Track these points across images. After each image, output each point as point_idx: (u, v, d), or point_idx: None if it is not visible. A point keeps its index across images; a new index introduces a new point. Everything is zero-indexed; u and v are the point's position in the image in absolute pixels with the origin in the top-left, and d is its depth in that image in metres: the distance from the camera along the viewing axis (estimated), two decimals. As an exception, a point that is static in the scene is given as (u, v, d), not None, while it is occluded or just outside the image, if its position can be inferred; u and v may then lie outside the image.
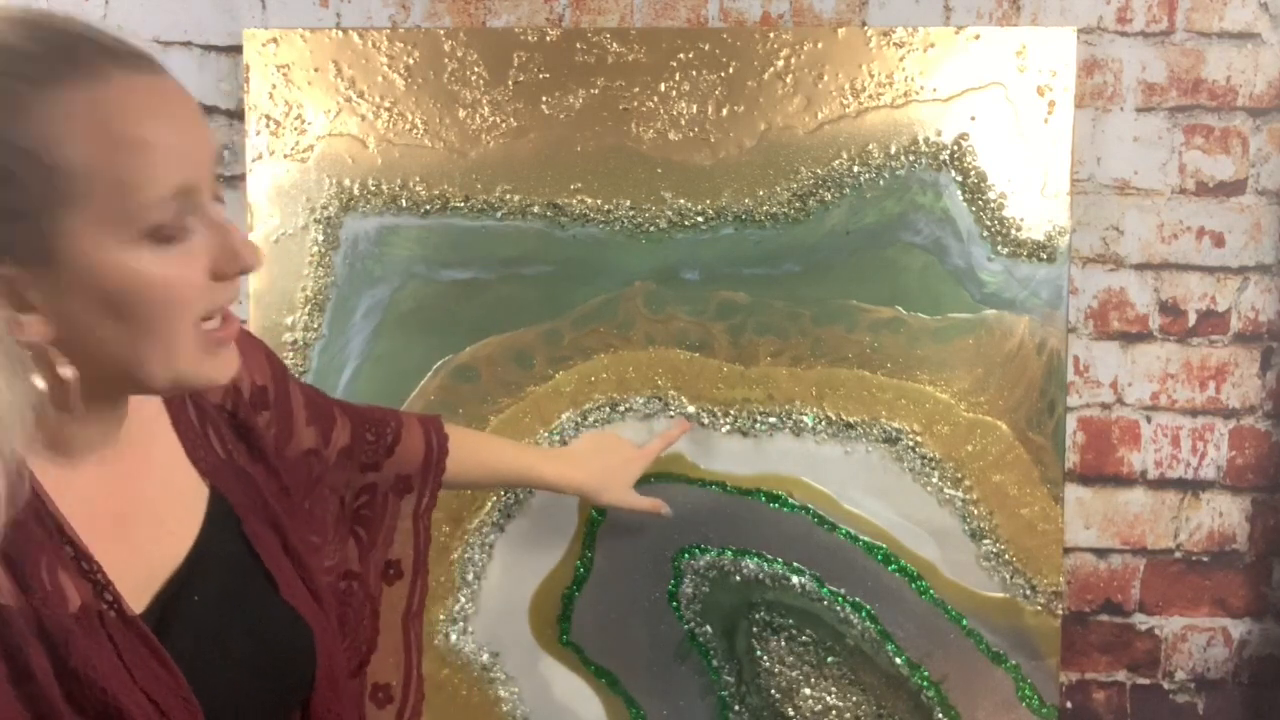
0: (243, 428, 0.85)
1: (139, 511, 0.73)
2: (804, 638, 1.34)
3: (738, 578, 1.34)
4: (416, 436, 1.08)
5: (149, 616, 0.70)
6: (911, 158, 1.30)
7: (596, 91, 1.30)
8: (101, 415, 0.71)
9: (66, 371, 0.64)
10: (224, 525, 0.78)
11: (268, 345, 0.94)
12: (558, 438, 1.33)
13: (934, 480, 1.32)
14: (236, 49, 1.35)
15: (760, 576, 1.33)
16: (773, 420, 1.32)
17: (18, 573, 0.63)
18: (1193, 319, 1.39)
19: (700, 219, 1.31)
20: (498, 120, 1.30)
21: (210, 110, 1.37)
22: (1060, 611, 1.32)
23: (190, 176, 0.65)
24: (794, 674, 1.34)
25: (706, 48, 1.29)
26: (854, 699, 1.34)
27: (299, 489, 0.93)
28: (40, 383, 0.64)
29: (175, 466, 0.78)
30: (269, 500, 0.83)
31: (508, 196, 1.31)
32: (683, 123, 1.30)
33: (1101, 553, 1.42)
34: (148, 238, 0.64)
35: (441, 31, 1.31)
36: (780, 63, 1.29)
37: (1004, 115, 1.29)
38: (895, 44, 1.29)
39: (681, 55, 1.30)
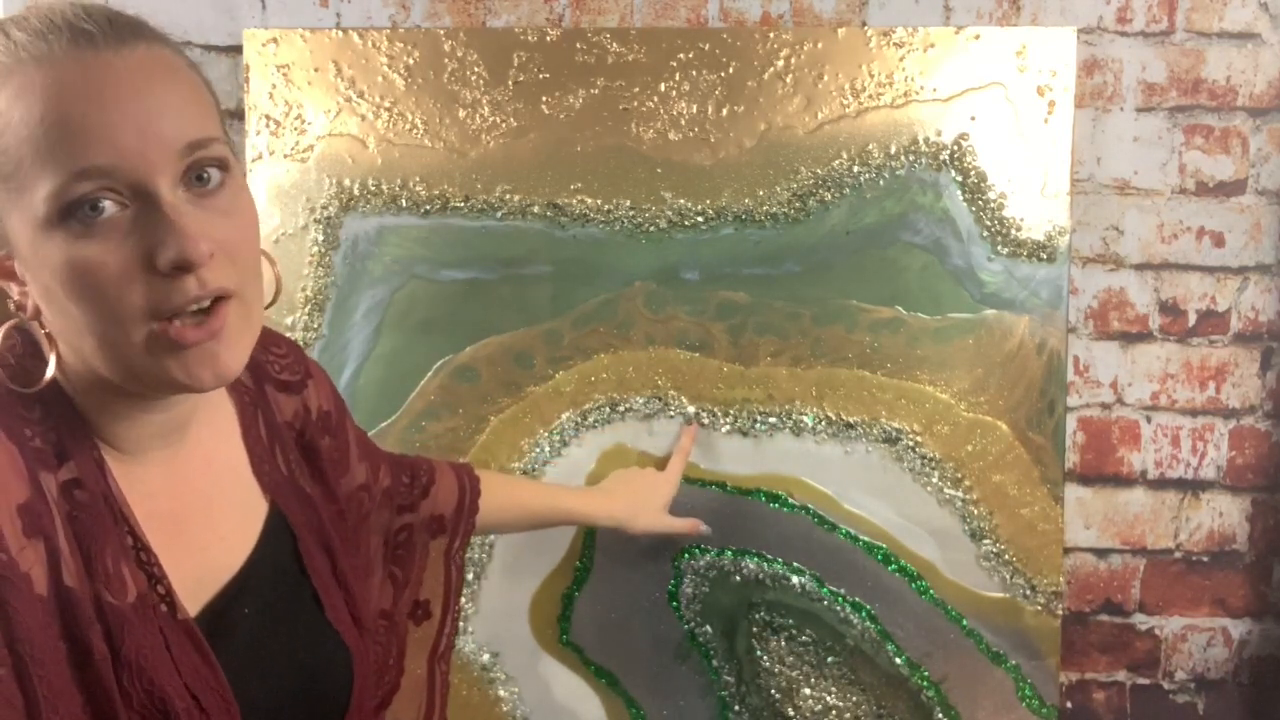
0: (308, 449, 0.87)
1: (196, 515, 0.74)
2: (804, 638, 1.34)
3: (738, 578, 1.34)
4: (450, 480, 1.09)
5: (200, 621, 0.71)
6: (911, 158, 1.30)
7: (596, 91, 1.30)
8: (149, 410, 0.71)
9: (48, 350, 0.67)
10: (279, 541, 0.79)
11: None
12: (558, 438, 1.33)
13: (934, 480, 1.32)
14: (236, 49, 1.35)
15: (760, 576, 1.33)
16: (773, 420, 1.32)
17: (85, 555, 0.65)
18: (1193, 319, 1.39)
19: (700, 219, 1.31)
20: (498, 120, 1.31)
21: (210, 110, 1.37)
22: (1060, 611, 1.32)
23: (109, 159, 0.62)
24: (794, 674, 1.34)
25: (706, 48, 1.29)
26: (854, 699, 1.34)
27: (352, 521, 0.94)
28: (53, 367, 0.67)
29: (238, 477, 0.79)
30: (325, 523, 0.84)
31: (508, 196, 1.31)
32: (683, 123, 1.30)
33: (1101, 553, 1.42)
34: (59, 220, 0.62)
35: (441, 31, 1.31)
36: (780, 63, 1.29)
37: (1004, 115, 1.29)
38: (895, 44, 1.29)
39: (681, 55, 1.30)
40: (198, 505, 0.74)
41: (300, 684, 0.76)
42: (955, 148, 1.29)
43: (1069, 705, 1.43)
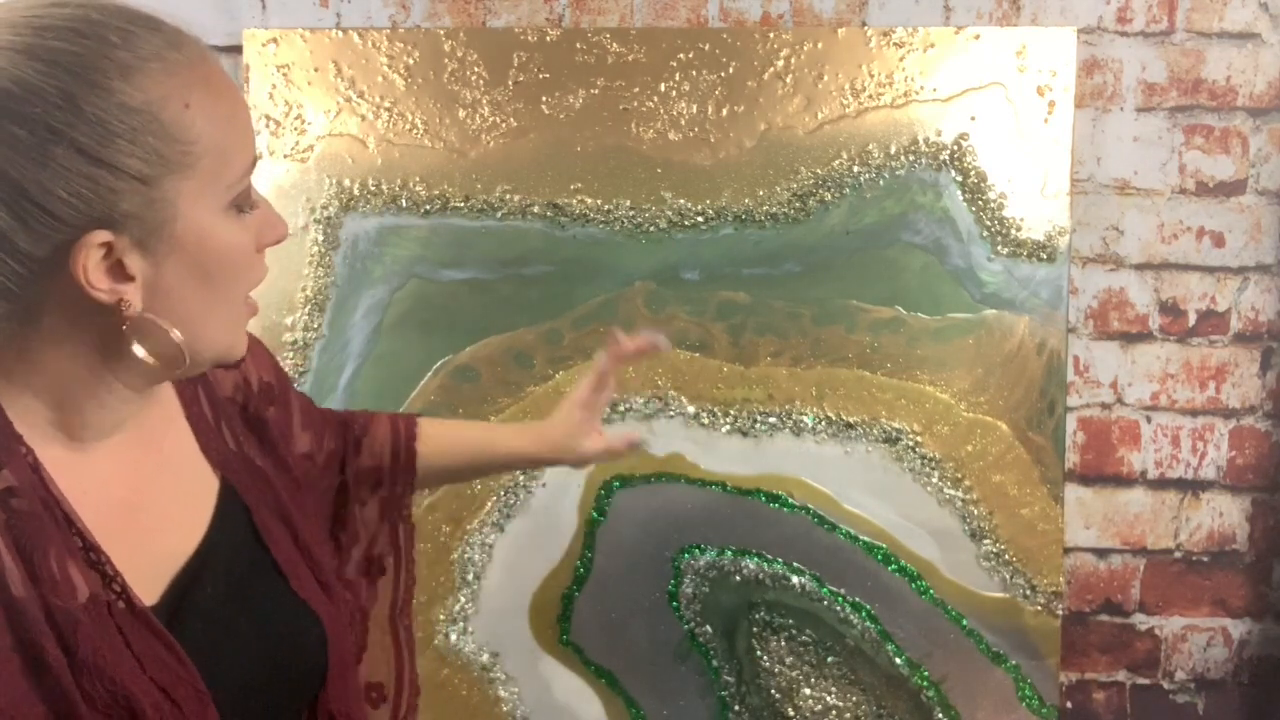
0: (253, 420, 0.86)
1: (150, 500, 0.74)
2: (804, 638, 1.34)
3: (738, 578, 1.34)
4: (383, 430, 1.06)
5: (161, 608, 0.70)
6: (911, 158, 1.30)
7: (596, 91, 1.30)
8: (127, 400, 0.71)
9: (177, 334, 0.67)
10: (234, 517, 0.78)
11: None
12: (558, 438, 1.33)
13: (934, 480, 1.32)
14: (236, 49, 1.35)
15: (760, 576, 1.33)
16: (773, 420, 1.32)
17: (27, 563, 0.64)
18: (1193, 319, 1.39)
19: (700, 219, 1.31)
20: (498, 120, 1.30)
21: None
22: (1060, 611, 1.32)
23: (255, 151, 0.71)
24: (794, 674, 1.34)
25: (706, 48, 1.29)
26: (854, 699, 1.34)
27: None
28: (142, 351, 0.67)
29: (186, 457, 0.78)
30: (280, 493, 0.83)
31: (508, 196, 1.31)
32: (683, 123, 1.30)
33: (1101, 553, 1.42)
34: (233, 206, 0.69)
35: (441, 31, 1.31)
36: (780, 63, 1.29)
37: (1004, 115, 1.29)
38: (895, 44, 1.29)
39: (681, 55, 1.30)
40: (150, 490, 0.74)
41: (273, 658, 0.76)
42: (955, 148, 1.29)
43: (1069, 705, 1.43)
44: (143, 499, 0.73)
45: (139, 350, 0.67)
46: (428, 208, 1.31)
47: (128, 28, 0.65)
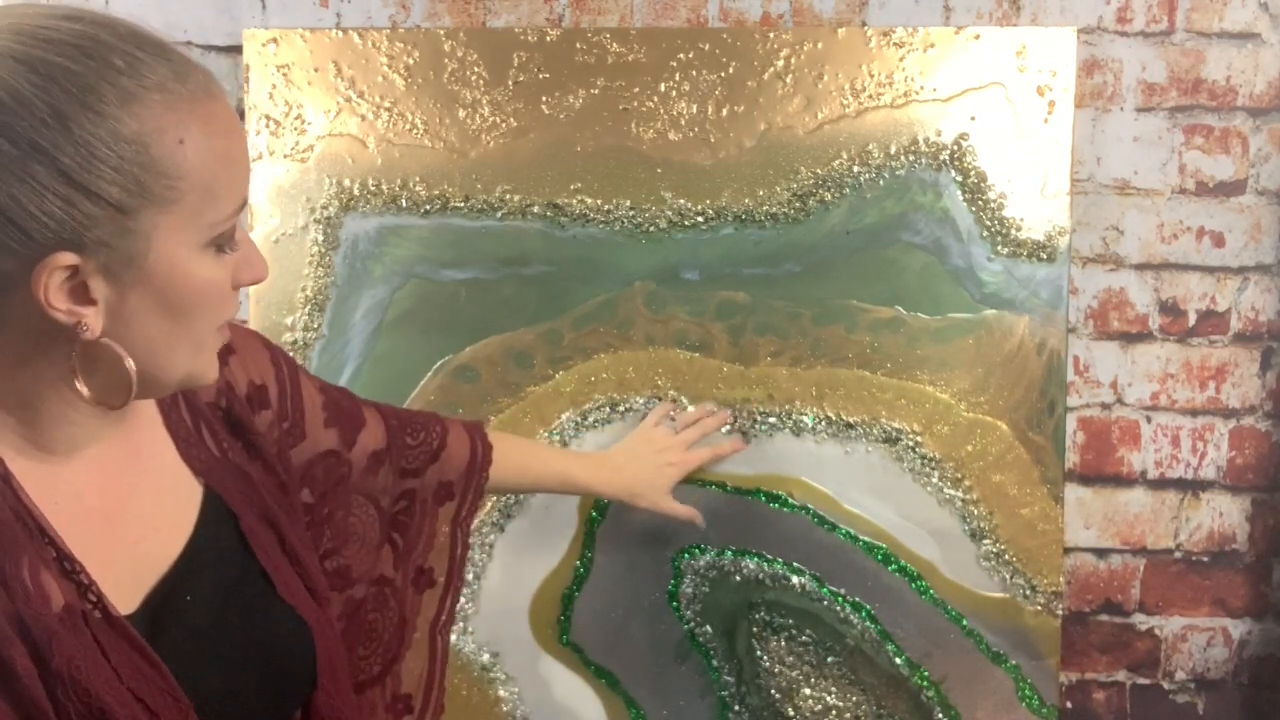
0: (238, 425, 0.85)
1: (128, 510, 0.73)
2: (804, 638, 1.34)
3: (738, 578, 1.34)
4: (462, 443, 1.07)
5: (140, 616, 0.70)
6: (911, 158, 1.30)
7: (596, 91, 1.30)
8: (95, 416, 0.71)
9: (131, 364, 0.67)
10: (219, 523, 0.78)
11: (276, 346, 0.93)
12: (557, 437, 1.33)
13: (934, 480, 1.32)
14: (236, 49, 1.35)
15: (760, 576, 1.33)
16: (773, 420, 1.32)
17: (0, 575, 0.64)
18: (1193, 319, 1.39)
19: (700, 219, 1.31)
20: (498, 120, 1.31)
21: (210, 110, 1.37)
22: (1060, 611, 1.32)
23: (248, 193, 0.71)
24: (794, 674, 1.34)
25: (706, 48, 1.29)
26: (854, 699, 1.34)
27: (315, 490, 0.92)
28: (84, 388, 0.67)
29: (166, 465, 0.78)
30: (266, 498, 0.82)
31: (508, 196, 1.31)
32: (683, 123, 1.30)
33: (1101, 553, 1.42)
34: (212, 245, 0.68)
35: (441, 31, 1.31)
36: (780, 63, 1.29)
37: (1004, 115, 1.29)
38: (895, 44, 1.29)
39: (681, 55, 1.30)
40: (128, 499, 0.74)
41: (258, 664, 0.75)
42: (955, 148, 1.29)
43: (1069, 705, 1.43)
44: (120, 509, 0.73)
45: (81, 386, 0.67)
46: (428, 208, 1.31)
47: (135, 54, 0.65)
